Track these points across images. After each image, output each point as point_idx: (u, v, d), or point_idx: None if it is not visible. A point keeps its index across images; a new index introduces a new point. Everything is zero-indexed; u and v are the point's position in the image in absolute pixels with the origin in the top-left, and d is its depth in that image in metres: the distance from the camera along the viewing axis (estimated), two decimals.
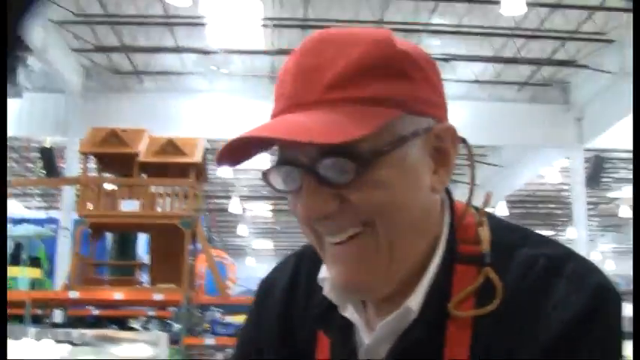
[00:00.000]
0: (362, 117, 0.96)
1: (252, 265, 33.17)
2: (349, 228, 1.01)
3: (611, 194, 25.34)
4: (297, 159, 1.00)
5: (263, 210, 27.14)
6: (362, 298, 1.12)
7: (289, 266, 1.31)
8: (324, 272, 1.13)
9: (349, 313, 1.13)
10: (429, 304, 1.06)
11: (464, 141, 1.10)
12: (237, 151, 1.04)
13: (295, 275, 1.28)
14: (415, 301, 1.06)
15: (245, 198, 24.60)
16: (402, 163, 1.01)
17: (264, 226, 29.97)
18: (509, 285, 1.04)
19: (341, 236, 1.02)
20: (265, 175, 1.05)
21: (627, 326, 3.49)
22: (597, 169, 16.36)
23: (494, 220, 1.15)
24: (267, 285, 1.34)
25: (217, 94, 15.52)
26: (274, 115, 1.03)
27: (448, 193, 1.14)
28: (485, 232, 1.11)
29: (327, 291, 1.12)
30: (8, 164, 21.90)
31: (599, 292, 1.03)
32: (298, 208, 1.03)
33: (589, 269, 1.06)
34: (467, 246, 1.10)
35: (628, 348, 1.14)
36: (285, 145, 1.02)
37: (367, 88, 0.99)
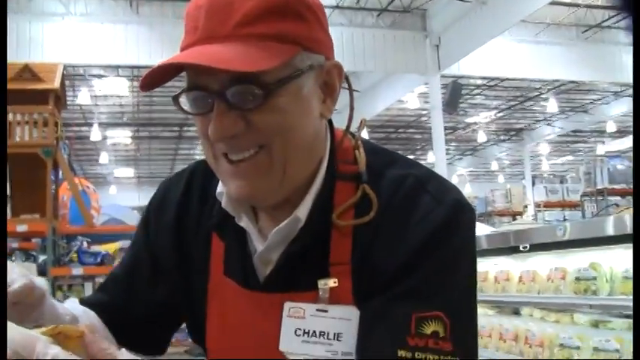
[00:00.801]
0: (269, 51, 1.11)
1: (114, 193, 32.59)
2: (250, 148, 1.16)
3: (468, 119, 26.28)
4: (208, 85, 1.13)
5: (123, 137, 26.57)
6: (256, 205, 1.27)
7: (183, 179, 1.44)
8: (220, 187, 1.27)
9: (244, 222, 1.29)
10: (314, 214, 1.23)
11: (346, 78, 1.28)
12: (155, 77, 1.15)
13: (188, 187, 1.42)
14: (302, 211, 1.23)
15: (105, 125, 23.99)
16: (298, 93, 1.16)
17: (125, 153, 29.37)
18: (383, 200, 1.22)
19: (243, 154, 1.16)
20: (176, 98, 1.17)
21: (483, 244, 3.77)
22: (454, 94, 16.88)
23: (368, 144, 1.33)
24: (161, 195, 1.47)
25: (74, 18, 14.94)
26: (187, 47, 1.15)
27: (329, 120, 1.31)
28: (361, 154, 1.29)
29: (224, 204, 1.27)
30: None
31: (457, 207, 1.21)
32: (209, 128, 1.14)
33: (449, 187, 1.25)
34: (346, 165, 1.27)
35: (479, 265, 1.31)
36: (198, 72, 1.13)
37: (272, 26, 1.13)
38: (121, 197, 29.95)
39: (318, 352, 1.20)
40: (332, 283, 1.20)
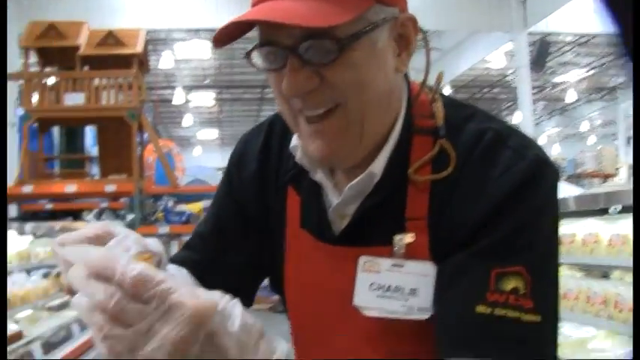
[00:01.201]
0: (342, 5, 1.08)
1: (198, 154, 33.14)
2: (326, 104, 1.14)
3: (557, 78, 25.62)
4: (280, 41, 1.11)
5: (206, 100, 26.89)
6: (336, 166, 1.26)
7: (262, 132, 1.43)
8: (295, 141, 1.28)
9: (319, 177, 1.29)
10: (390, 169, 1.21)
11: (422, 30, 1.24)
12: (228, 34, 1.15)
13: (268, 139, 1.41)
14: (377, 166, 1.21)
15: (188, 88, 24.31)
16: (372, 47, 1.13)
17: (208, 115, 29.75)
18: (462, 154, 1.19)
19: (318, 110, 1.14)
20: (248, 54, 1.15)
21: (571, 206, 3.63)
22: (542, 53, 16.47)
23: (446, 98, 1.29)
24: (241, 149, 1.46)
25: None
26: (259, 2, 1.13)
27: (405, 74, 1.28)
28: (438, 108, 1.25)
29: (299, 157, 1.27)
30: None
31: (540, 162, 1.17)
32: (282, 84, 1.13)
33: (530, 143, 1.21)
34: (423, 120, 1.24)
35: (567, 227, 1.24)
36: (270, 28, 1.10)
37: None
38: (205, 158, 30.47)
39: (394, 307, 1.19)
40: (409, 238, 1.19)
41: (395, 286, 1.19)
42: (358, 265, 1.22)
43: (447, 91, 23.99)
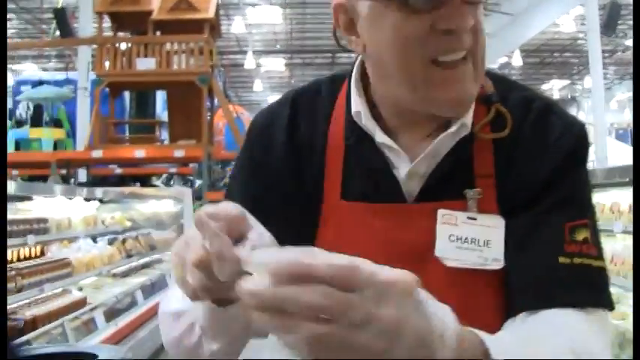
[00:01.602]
0: None
1: None
2: (465, 48, 1.17)
3: (628, 42, 24.90)
4: None
5: (277, 65, 27.01)
6: (457, 115, 1.25)
7: (286, 106, 1.40)
8: (356, 107, 1.30)
9: (382, 138, 1.29)
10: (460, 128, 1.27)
11: None
12: None
13: (295, 112, 1.39)
14: (468, 119, 1.27)
15: (259, 53, 24.45)
16: None
17: (279, 80, 29.90)
18: (516, 119, 1.28)
19: (460, 54, 1.17)
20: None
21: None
22: (613, 16, 16.00)
23: (489, 72, 1.34)
24: (265, 122, 1.41)
25: None
26: None
27: None
28: (486, 79, 1.31)
29: (364, 121, 1.29)
30: (22, 26, 21.80)
31: (584, 129, 1.31)
32: (443, 21, 1.13)
33: (570, 113, 1.35)
34: None
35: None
36: None
37: None
38: None
39: (471, 258, 1.26)
40: (479, 193, 1.26)
41: (471, 237, 1.26)
42: (438, 219, 1.27)
43: (517, 55, 23.81)
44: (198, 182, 10.27)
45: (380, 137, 1.29)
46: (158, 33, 10.85)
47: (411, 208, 1.29)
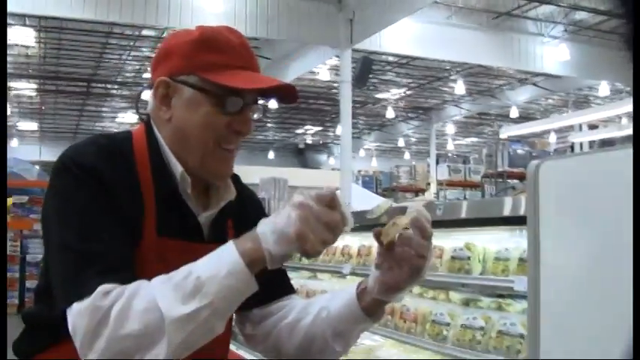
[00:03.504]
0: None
1: (15, 146, 31.65)
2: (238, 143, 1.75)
3: (378, 95, 26.50)
4: (246, 96, 1.68)
5: (28, 89, 25.73)
6: (221, 181, 1.79)
7: (118, 151, 1.68)
8: (180, 167, 1.70)
9: (189, 192, 1.72)
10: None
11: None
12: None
13: (128, 157, 1.69)
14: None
15: (9, 76, 23.15)
16: None
17: (29, 106, 28.45)
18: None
19: (234, 146, 1.72)
20: (224, 98, 1.66)
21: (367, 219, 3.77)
22: (365, 69, 16.97)
23: None
24: (105, 156, 1.64)
25: None
26: (241, 68, 1.70)
27: None
28: None
29: (182, 179, 1.70)
30: None
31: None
32: (240, 125, 1.69)
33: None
34: None
35: (362, 239, 1.50)
36: (250, 86, 1.67)
37: None
38: (22, 151, 29.11)
39: None
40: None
41: None
42: None
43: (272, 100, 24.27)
44: None
45: (187, 189, 1.71)
46: None
47: (207, 247, 1.56)
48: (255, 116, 1.76)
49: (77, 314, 1.43)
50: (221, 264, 1.41)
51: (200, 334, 1.42)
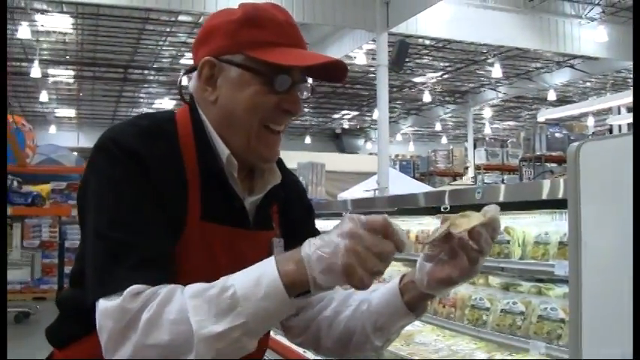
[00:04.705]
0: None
1: (53, 133, 32.06)
2: (286, 124, 1.70)
3: (415, 79, 26.36)
4: (294, 75, 1.63)
5: (66, 76, 25.99)
6: (269, 163, 1.73)
7: (163, 134, 1.63)
8: (226, 149, 1.64)
9: (235, 177, 1.67)
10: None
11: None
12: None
13: (173, 142, 1.63)
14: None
15: (46, 62, 23.39)
16: None
17: (67, 93, 28.75)
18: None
19: (281, 127, 1.68)
20: (273, 77, 1.60)
21: (408, 204, 3.79)
22: (401, 53, 16.87)
23: None
24: (146, 145, 1.57)
25: None
26: (288, 45, 1.64)
27: None
28: None
29: (228, 161, 1.64)
30: None
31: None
32: (289, 104, 1.63)
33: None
34: None
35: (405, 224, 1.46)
36: (298, 63, 1.62)
37: None
38: (61, 137, 29.48)
39: None
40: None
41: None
42: (274, 246, 1.75)
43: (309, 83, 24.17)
44: None
45: (235, 173, 1.66)
46: None
47: (255, 234, 1.70)
48: (305, 95, 1.70)
49: (104, 313, 1.39)
50: (260, 284, 1.33)
51: (230, 352, 1.35)
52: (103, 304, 1.39)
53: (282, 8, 1.69)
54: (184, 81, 1.75)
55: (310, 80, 1.70)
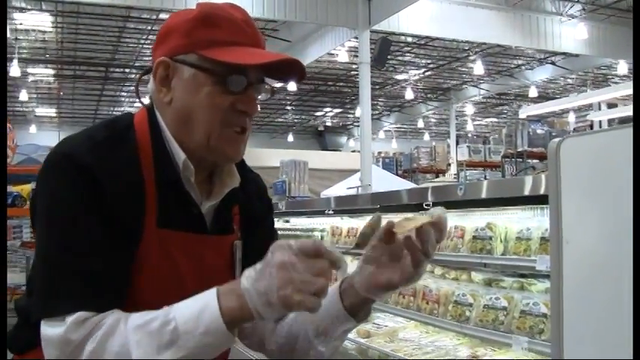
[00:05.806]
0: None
1: (34, 132, 31.83)
2: (245, 126, 1.63)
3: (398, 76, 26.38)
4: (250, 75, 1.59)
5: (46, 75, 25.77)
6: (232, 162, 1.70)
7: (122, 144, 1.59)
8: (182, 154, 1.60)
9: (192, 180, 1.63)
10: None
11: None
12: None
13: (132, 150, 1.59)
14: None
15: (26, 61, 23.16)
16: None
17: (47, 92, 28.54)
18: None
19: (244, 127, 1.62)
20: (226, 77, 1.56)
21: (391, 201, 3.80)
22: (383, 50, 16.89)
23: None
24: (100, 159, 1.53)
25: None
26: (245, 44, 1.59)
27: None
28: None
29: (185, 166, 1.61)
30: None
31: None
32: (245, 105, 1.59)
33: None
34: None
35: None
36: (252, 62, 1.57)
37: None
38: (41, 137, 29.25)
39: None
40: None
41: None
42: (235, 248, 1.73)
43: (292, 82, 24.25)
44: None
45: (190, 178, 1.62)
46: None
47: (213, 239, 1.68)
48: (262, 96, 1.67)
49: (48, 341, 1.40)
50: (201, 319, 1.34)
51: None
52: (47, 331, 1.41)
53: (240, 7, 1.65)
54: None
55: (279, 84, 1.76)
